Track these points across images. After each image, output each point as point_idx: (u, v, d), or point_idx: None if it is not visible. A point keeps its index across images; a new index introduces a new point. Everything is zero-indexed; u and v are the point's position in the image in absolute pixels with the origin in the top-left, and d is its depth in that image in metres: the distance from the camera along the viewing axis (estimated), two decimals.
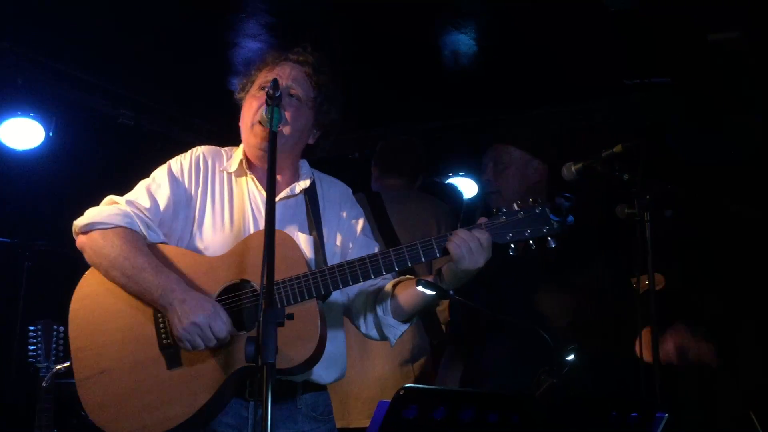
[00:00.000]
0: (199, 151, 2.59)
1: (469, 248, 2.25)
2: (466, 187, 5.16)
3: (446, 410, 1.81)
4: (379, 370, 3.62)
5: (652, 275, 2.92)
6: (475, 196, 4.93)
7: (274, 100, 2.28)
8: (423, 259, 2.30)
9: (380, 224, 3.79)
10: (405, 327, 2.51)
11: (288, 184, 2.55)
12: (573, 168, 3.07)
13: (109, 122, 4.94)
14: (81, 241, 2.43)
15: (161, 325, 2.33)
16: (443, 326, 3.86)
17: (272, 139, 2.23)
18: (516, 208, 2.30)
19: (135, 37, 4.39)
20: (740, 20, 3.99)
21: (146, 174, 2.67)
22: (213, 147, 2.63)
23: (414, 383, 3.47)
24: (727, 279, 4.39)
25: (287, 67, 2.55)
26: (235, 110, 2.67)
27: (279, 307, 2.09)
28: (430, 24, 4.25)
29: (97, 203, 2.46)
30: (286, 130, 2.46)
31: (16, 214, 4.75)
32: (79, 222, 2.43)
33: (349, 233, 2.60)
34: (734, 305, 4.36)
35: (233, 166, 2.55)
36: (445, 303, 3.78)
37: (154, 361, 2.31)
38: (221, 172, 2.55)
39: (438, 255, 2.30)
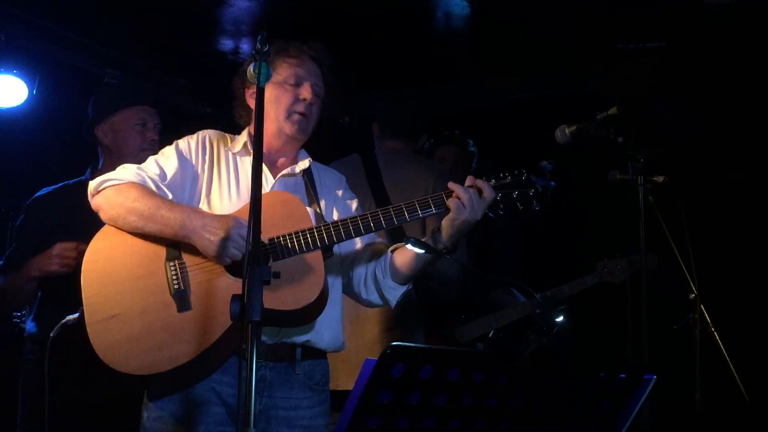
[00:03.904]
0: (206, 133, 2.74)
1: (470, 199, 2.40)
2: None
3: (433, 369, 1.78)
4: (367, 334, 3.62)
5: (644, 241, 2.92)
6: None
7: (262, 55, 2.28)
8: (420, 214, 2.43)
9: (373, 186, 3.77)
10: (404, 289, 2.65)
11: (286, 165, 2.74)
12: (567, 130, 3.04)
13: (94, 81, 4.84)
14: (96, 201, 2.55)
15: (173, 274, 2.44)
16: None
17: (259, 94, 2.24)
18: (502, 175, 2.49)
19: None
20: None
21: None
22: (218, 131, 2.78)
23: None
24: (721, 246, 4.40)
25: (311, 64, 2.74)
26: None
27: (285, 257, 2.39)
28: None
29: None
30: (311, 126, 2.73)
31: None
32: (93, 182, 2.56)
33: (345, 214, 2.72)
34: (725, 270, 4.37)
35: (237, 147, 2.71)
36: None
37: (165, 305, 2.42)
38: (226, 152, 2.70)
39: (434, 210, 2.43)
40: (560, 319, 2.29)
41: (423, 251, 2.28)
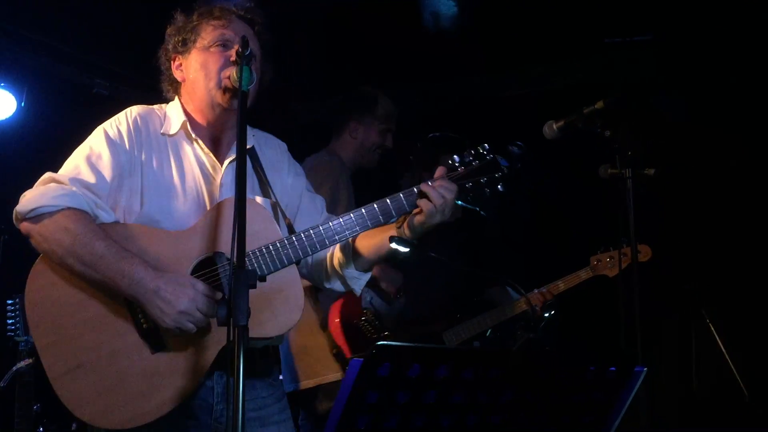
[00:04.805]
0: (134, 112, 2.42)
1: (443, 204, 2.30)
2: None
3: (421, 367, 1.77)
4: (294, 334, 3.59)
5: (634, 234, 2.91)
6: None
7: (243, 59, 2.23)
8: (395, 216, 2.35)
9: None
10: (368, 276, 2.57)
11: (231, 145, 2.46)
12: (554, 126, 3.03)
13: (83, 92, 4.84)
14: (26, 227, 2.23)
15: (138, 312, 2.19)
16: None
17: (242, 99, 2.18)
18: (470, 157, 2.37)
19: (109, 5, 4.28)
20: None
21: None
22: (144, 106, 2.48)
23: (330, 345, 3.53)
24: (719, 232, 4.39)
25: (240, 24, 2.45)
26: None
27: (259, 273, 2.13)
28: None
29: None
30: (250, 89, 2.33)
31: None
32: (21, 208, 2.22)
33: (294, 189, 2.58)
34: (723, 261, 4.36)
35: (173, 128, 2.42)
36: None
37: (136, 347, 2.18)
38: (162, 135, 2.41)
39: (408, 209, 2.35)
40: (547, 314, 2.26)
41: (408, 249, 2.25)
